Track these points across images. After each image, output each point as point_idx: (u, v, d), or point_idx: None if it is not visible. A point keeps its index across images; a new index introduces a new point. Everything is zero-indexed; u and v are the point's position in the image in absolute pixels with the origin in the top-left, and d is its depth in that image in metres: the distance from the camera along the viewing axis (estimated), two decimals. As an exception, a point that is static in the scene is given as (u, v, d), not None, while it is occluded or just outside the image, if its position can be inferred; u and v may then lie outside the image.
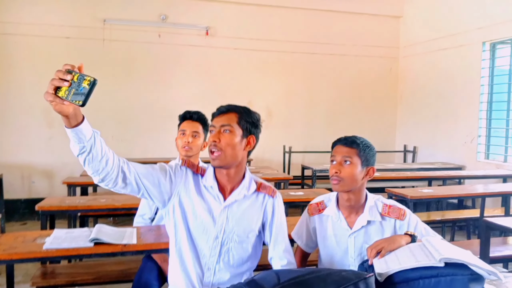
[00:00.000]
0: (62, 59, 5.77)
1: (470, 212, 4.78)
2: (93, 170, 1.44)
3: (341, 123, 7.07)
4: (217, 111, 1.76)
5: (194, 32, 6.46)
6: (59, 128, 5.99)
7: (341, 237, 1.90)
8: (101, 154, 1.43)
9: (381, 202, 1.91)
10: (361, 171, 1.84)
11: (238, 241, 1.75)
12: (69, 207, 3.02)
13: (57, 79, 1.22)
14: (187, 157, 2.58)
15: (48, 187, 6.06)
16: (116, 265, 2.87)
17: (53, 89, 1.23)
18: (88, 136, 1.37)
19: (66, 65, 1.23)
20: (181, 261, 1.75)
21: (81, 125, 1.34)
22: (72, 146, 1.40)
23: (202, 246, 1.74)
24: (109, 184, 1.51)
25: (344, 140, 1.88)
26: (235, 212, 1.76)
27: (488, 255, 2.84)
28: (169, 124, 5.07)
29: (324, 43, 6.97)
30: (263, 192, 1.83)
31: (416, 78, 7.04)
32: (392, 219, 1.86)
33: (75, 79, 1.20)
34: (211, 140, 1.69)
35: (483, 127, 5.79)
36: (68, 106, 1.27)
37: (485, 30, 5.66)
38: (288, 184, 4.69)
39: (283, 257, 1.84)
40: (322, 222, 1.96)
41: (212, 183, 1.75)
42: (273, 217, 1.84)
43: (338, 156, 1.85)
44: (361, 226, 1.86)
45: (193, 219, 1.73)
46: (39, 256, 2.06)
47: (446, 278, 1.31)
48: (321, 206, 1.97)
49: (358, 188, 1.86)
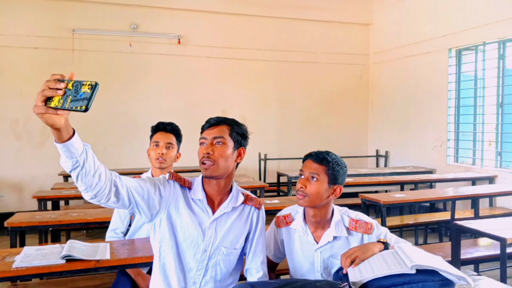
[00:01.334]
0: (30, 70, 5.68)
1: (442, 215, 4.89)
2: (86, 186, 1.37)
3: (314, 129, 7.16)
4: (207, 124, 1.75)
5: (165, 41, 6.43)
6: (28, 140, 5.88)
7: (307, 251, 1.90)
8: (94, 169, 1.36)
9: (347, 217, 1.90)
10: (327, 189, 1.82)
11: (225, 254, 1.75)
12: (40, 223, 2.94)
13: (49, 89, 1.14)
14: (161, 168, 2.55)
15: (17, 201, 5.89)
16: (89, 281, 2.80)
17: (43, 100, 1.15)
18: (80, 150, 1.29)
19: (54, 75, 1.16)
20: (164, 276, 1.72)
21: (73, 138, 1.26)
22: (63, 162, 1.30)
23: (189, 260, 1.72)
24: (102, 200, 1.45)
25: (315, 155, 1.86)
26: (223, 224, 1.76)
27: (459, 257, 2.91)
28: (141, 135, 5.02)
29: (295, 51, 7.05)
30: (249, 204, 1.84)
31: (386, 85, 7.20)
32: (359, 234, 1.86)
33: (69, 86, 1.14)
34: (204, 152, 1.68)
35: (451, 131, 5.95)
36: (60, 118, 1.19)
37: (450, 37, 5.84)
38: (264, 191, 4.70)
39: (260, 269, 1.84)
40: (290, 235, 1.96)
41: (200, 196, 1.74)
42: (256, 229, 1.84)
43: (306, 171, 1.85)
44: (327, 242, 1.86)
45: (181, 233, 1.71)
46: (8, 275, 1.99)
47: (418, 285, 1.34)
48: (288, 219, 1.97)
49: (324, 205, 1.85)
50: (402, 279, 1.34)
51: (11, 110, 5.83)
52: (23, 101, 5.82)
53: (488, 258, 3.31)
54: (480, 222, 3.04)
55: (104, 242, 2.32)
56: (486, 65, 5.53)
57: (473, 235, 3.95)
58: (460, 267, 2.82)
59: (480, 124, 5.64)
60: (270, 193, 6.01)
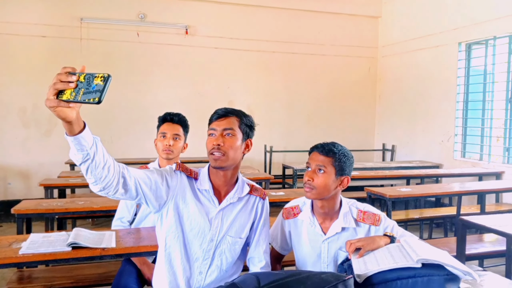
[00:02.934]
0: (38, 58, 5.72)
1: (447, 210, 4.88)
2: (96, 178, 1.37)
3: (321, 122, 7.14)
4: (216, 115, 1.74)
5: (173, 31, 6.41)
6: (36, 128, 5.91)
7: (315, 242, 1.90)
8: (104, 161, 1.37)
9: (355, 208, 1.91)
10: (335, 181, 1.82)
11: (231, 243, 1.77)
12: (46, 210, 2.97)
13: (60, 82, 1.14)
14: (168, 159, 2.56)
15: (24, 189, 5.93)
16: (95, 268, 2.83)
17: (55, 94, 1.14)
18: (90, 143, 1.30)
19: (66, 68, 1.16)
20: (169, 266, 1.74)
21: (84, 131, 1.27)
22: (73, 155, 1.31)
23: (195, 250, 1.73)
24: (110, 192, 1.45)
25: (321, 147, 1.85)
26: (229, 214, 1.78)
27: (464, 252, 2.90)
28: (149, 125, 5.02)
29: (304, 43, 7.01)
30: (254, 195, 1.86)
31: (394, 78, 7.15)
32: (367, 225, 1.86)
33: (81, 79, 1.13)
34: (215, 143, 1.68)
35: (459, 126, 5.91)
36: (72, 111, 1.19)
37: (460, 31, 5.77)
38: (269, 183, 4.70)
39: (262, 258, 1.87)
40: (297, 226, 1.96)
41: (207, 186, 1.76)
42: (260, 218, 1.86)
43: (313, 164, 1.84)
44: (335, 233, 1.86)
45: (188, 223, 1.72)
46: (15, 261, 2.01)
47: (423, 279, 1.33)
48: (296, 210, 1.98)
49: (332, 196, 1.85)
50: (407, 272, 1.34)
51: (19, 98, 5.85)
52: (31, 89, 5.84)
53: (494, 254, 3.31)
54: (486, 218, 3.03)
55: (110, 231, 2.34)
56: (496, 59, 5.46)
57: (479, 230, 3.94)
58: (465, 262, 2.81)
59: (489, 120, 5.58)
60: (276, 185, 6.01)
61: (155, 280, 1.81)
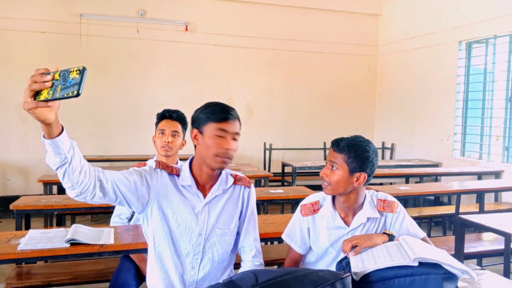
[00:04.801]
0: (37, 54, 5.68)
1: (446, 209, 4.88)
2: (72, 183, 1.38)
3: (320, 120, 7.14)
4: (230, 116, 1.68)
5: (173, 28, 6.40)
6: (34, 124, 5.86)
7: (336, 236, 1.86)
8: (80, 165, 1.37)
9: (375, 198, 1.89)
10: (349, 177, 1.76)
11: (220, 234, 1.77)
12: (45, 206, 2.96)
13: (36, 83, 1.13)
14: (167, 156, 2.57)
15: (23, 185, 5.94)
16: (93, 265, 2.83)
17: (31, 96, 1.15)
18: (68, 147, 1.30)
19: (38, 69, 1.15)
20: (161, 264, 1.74)
21: (62, 134, 1.27)
22: (49, 159, 1.32)
23: (185, 246, 1.73)
24: (87, 197, 1.45)
25: (335, 143, 1.79)
26: (215, 207, 1.77)
27: (463, 251, 2.90)
28: (147, 122, 5.02)
29: (304, 40, 7.00)
30: (239, 184, 1.85)
31: (394, 76, 7.14)
32: (387, 213, 1.87)
33: (57, 77, 1.13)
34: (229, 148, 1.66)
35: (459, 124, 5.91)
36: (51, 112, 1.19)
37: (461, 29, 5.77)
38: (268, 181, 4.70)
39: (253, 247, 1.86)
40: (316, 222, 1.91)
41: (189, 182, 1.74)
42: (247, 207, 1.86)
43: (328, 159, 1.82)
44: (360, 223, 1.84)
45: (174, 220, 1.72)
46: (13, 257, 2.01)
47: (421, 277, 1.33)
48: (316, 206, 1.91)
49: (352, 191, 1.80)
50: (405, 271, 1.34)
51: (18, 94, 5.84)
52: (30, 85, 5.84)
53: (492, 252, 3.31)
54: (485, 217, 3.03)
55: (109, 227, 2.34)
56: (496, 58, 5.46)
57: (477, 229, 3.94)
58: (464, 261, 2.82)
59: (488, 118, 5.59)
60: (275, 183, 6.02)
61: (149, 279, 1.81)
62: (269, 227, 2.48)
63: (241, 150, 6.53)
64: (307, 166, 5.36)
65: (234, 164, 5.36)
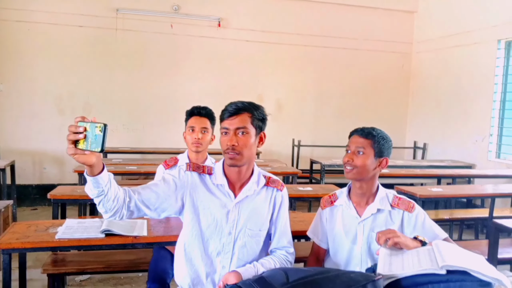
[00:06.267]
0: (75, 48, 5.84)
1: (479, 212, 4.76)
2: (106, 209, 1.51)
3: (351, 118, 7.03)
4: (227, 113, 1.72)
5: (206, 24, 6.45)
6: (71, 116, 6.07)
7: (350, 226, 1.93)
8: (114, 194, 1.50)
9: (392, 194, 1.97)
10: (374, 162, 1.88)
11: (250, 235, 1.78)
12: (80, 197, 3.06)
13: (72, 133, 1.29)
14: (197, 152, 2.64)
15: (59, 174, 6.13)
16: (125, 255, 2.91)
17: (72, 143, 1.30)
18: (106, 181, 1.44)
19: (77, 117, 1.31)
20: (190, 264, 1.77)
21: (102, 173, 1.41)
22: (89, 189, 1.45)
23: (215, 245, 1.76)
24: (117, 217, 1.58)
25: (360, 130, 1.91)
26: (246, 207, 1.78)
27: (496, 256, 2.83)
28: (179, 116, 5.06)
29: (337, 37, 6.92)
30: (272, 186, 1.85)
31: (428, 75, 6.98)
32: (401, 211, 1.90)
33: (88, 129, 1.28)
34: (229, 144, 1.68)
35: (495, 126, 5.74)
36: (90, 157, 1.33)
37: (500, 28, 5.58)
38: (296, 178, 4.70)
39: (289, 246, 1.88)
40: (333, 213, 2.00)
41: (222, 181, 1.77)
42: (280, 210, 1.86)
43: (352, 146, 1.90)
44: (371, 214, 1.90)
45: (204, 220, 1.75)
46: (51, 245, 2.10)
47: (455, 284, 1.31)
48: (333, 198, 2.02)
49: (370, 178, 1.91)
50: (439, 277, 1.32)
51: (56, 86, 6.03)
52: (67, 78, 6.02)
53: (527, 259, 3.21)
54: (521, 222, 2.94)
55: (142, 219, 2.39)
56: (537, 58, 5.27)
57: (512, 234, 3.84)
58: (497, 266, 2.75)
59: (526, 120, 5.41)
60: (303, 179, 6.00)
61: (177, 275, 1.83)
62: (298, 225, 2.49)
63: (270, 145, 6.55)
64: (336, 164, 5.33)
65: (263, 160, 5.39)
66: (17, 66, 5.90)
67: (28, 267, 2.56)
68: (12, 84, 5.88)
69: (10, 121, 5.92)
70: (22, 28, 5.85)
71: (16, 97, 5.91)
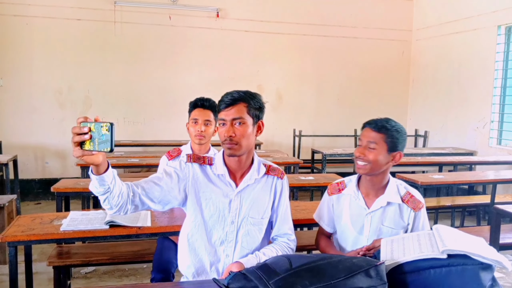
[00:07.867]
0: (73, 41, 5.82)
1: (481, 198, 4.77)
2: (111, 205, 1.53)
3: (351, 107, 7.05)
4: (223, 104, 1.72)
5: (204, 14, 6.42)
6: (72, 109, 6.09)
7: (357, 216, 1.91)
8: (119, 191, 1.51)
9: (404, 188, 1.93)
10: (386, 156, 1.83)
11: (253, 223, 1.80)
12: (84, 189, 3.07)
13: (77, 135, 1.29)
14: (200, 144, 2.64)
15: (61, 168, 6.15)
16: (129, 246, 2.93)
17: (77, 145, 1.30)
18: (111, 179, 1.46)
19: (79, 118, 1.31)
20: (194, 254, 1.78)
21: (108, 171, 1.43)
22: (94, 188, 1.47)
23: (219, 234, 1.78)
24: (122, 212, 1.59)
25: (373, 123, 1.85)
26: (248, 196, 1.80)
27: (498, 242, 2.85)
28: (180, 107, 5.10)
29: (336, 25, 6.90)
30: (272, 175, 1.86)
31: (428, 62, 6.96)
32: (409, 208, 1.89)
33: (93, 129, 1.27)
34: (226, 135, 1.70)
35: (496, 112, 5.74)
36: (97, 157, 1.35)
37: (500, 13, 5.55)
38: (298, 168, 4.71)
39: (290, 233, 1.90)
40: (340, 201, 1.98)
41: (222, 171, 1.79)
42: (280, 198, 1.87)
43: (364, 140, 1.85)
44: (380, 206, 1.88)
45: (207, 210, 1.77)
46: (56, 237, 2.12)
47: (457, 268, 1.32)
48: (341, 186, 1.99)
49: (384, 171, 1.88)
50: (441, 261, 1.33)
51: (55, 80, 6.03)
52: (66, 71, 6.02)
53: (528, 244, 3.23)
54: (522, 207, 2.95)
55: (145, 210, 2.41)
56: (537, 43, 5.25)
57: (513, 220, 3.85)
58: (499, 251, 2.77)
59: (527, 106, 5.40)
60: (304, 169, 6.02)
61: (181, 265, 1.85)
62: (300, 214, 2.52)
63: (270, 136, 6.56)
64: (337, 153, 5.33)
65: (264, 151, 5.40)
66: (17, 60, 5.90)
67: (33, 261, 2.58)
68: (12, 79, 5.88)
69: (11, 115, 5.93)
70: (21, 22, 5.83)
71: (16, 91, 5.91)
